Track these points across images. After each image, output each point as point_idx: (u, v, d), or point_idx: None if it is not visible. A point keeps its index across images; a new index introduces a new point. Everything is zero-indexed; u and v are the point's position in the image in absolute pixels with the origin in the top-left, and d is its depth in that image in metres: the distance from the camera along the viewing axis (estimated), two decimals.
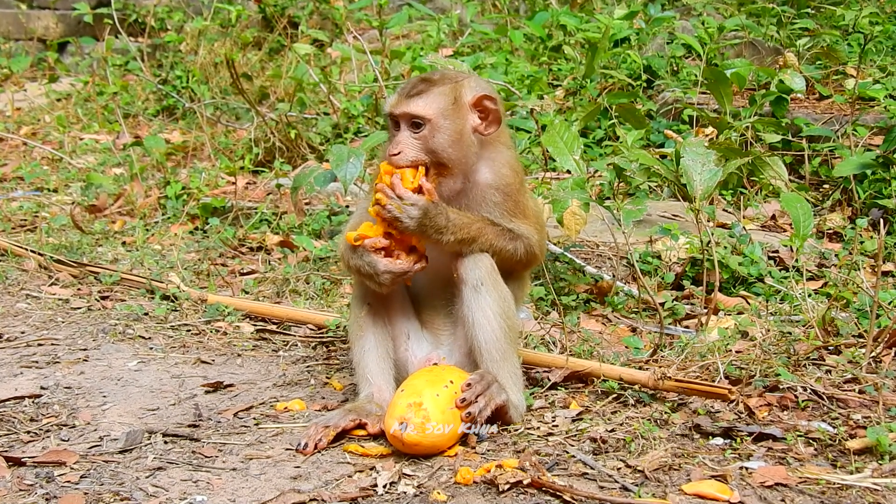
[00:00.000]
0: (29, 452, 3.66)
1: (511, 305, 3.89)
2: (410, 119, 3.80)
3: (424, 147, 3.79)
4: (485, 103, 3.87)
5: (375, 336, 3.96)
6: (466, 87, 3.88)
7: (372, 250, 3.74)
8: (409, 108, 3.79)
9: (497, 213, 3.88)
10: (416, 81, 3.88)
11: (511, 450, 3.67)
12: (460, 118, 3.83)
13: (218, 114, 9.06)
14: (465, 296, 3.83)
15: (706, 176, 4.48)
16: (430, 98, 3.81)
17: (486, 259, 3.84)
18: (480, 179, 3.89)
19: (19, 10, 12.06)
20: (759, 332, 4.56)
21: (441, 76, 3.92)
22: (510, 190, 3.91)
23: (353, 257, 3.80)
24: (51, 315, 5.22)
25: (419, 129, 3.79)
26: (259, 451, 3.71)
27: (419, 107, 3.79)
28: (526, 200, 4.00)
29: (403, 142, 3.79)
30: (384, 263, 3.74)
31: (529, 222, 3.94)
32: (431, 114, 3.78)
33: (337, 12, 10.55)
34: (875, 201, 6.17)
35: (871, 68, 7.80)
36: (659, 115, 7.60)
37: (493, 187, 3.88)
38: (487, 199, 3.88)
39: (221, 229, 6.41)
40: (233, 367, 4.59)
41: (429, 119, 3.78)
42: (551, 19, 9.22)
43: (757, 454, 3.58)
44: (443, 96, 3.82)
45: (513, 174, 3.94)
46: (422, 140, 3.79)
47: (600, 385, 4.13)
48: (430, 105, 3.79)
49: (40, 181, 7.84)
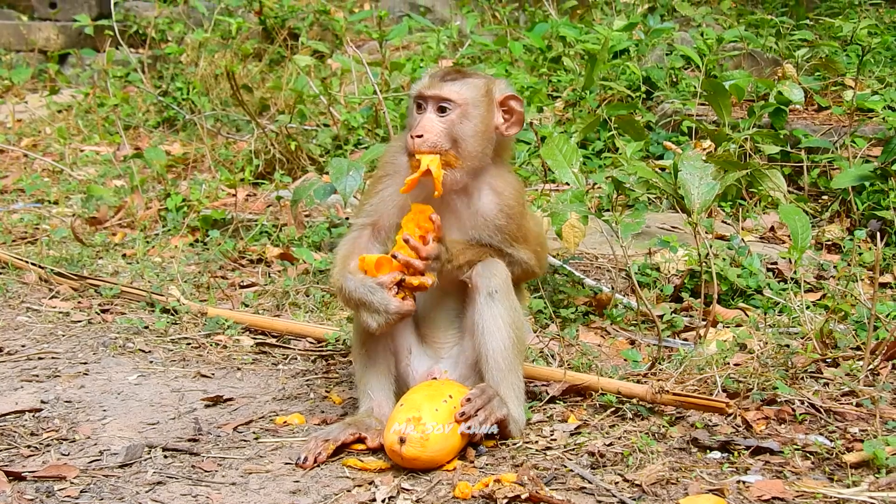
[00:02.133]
0: (29, 467, 3.67)
1: (521, 318, 3.93)
2: (440, 102, 3.81)
3: (448, 132, 3.79)
4: (511, 103, 3.91)
5: (377, 352, 3.96)
6: (497, 84, 3.93)
7: (388, 290, 3.70)
8: (442, 91, 3.81)
9: (499, 238, 3.90)
10: (449, 69, 3.93)
11: (509, 464, 3.68)
12: (488, 112, 3.87)
13: (218, 125, 9.08)
14: (478, 303, 3.85)
15: (704, 189, 4.49)
16: (465, 85, 3.84)
17: (501, 269, 3.87)
18: (484, 203, 3.90)
19: (20, 22, 12.10)
20: (757, 344, 4.57)
21: (473, 70, 3.99)
22: (513, 213, 3.93)
23: (362, 290, 3.72)
24: (51, 328, 5.23)
25: (446, 113, 3.80)
26: (258, 465, 3.72)
27: (453, 91, 3.81)
28: (528, 223, 4.03)
29: (428, 124, 3.80)
30: (396, 304, 3.70)
31: (529, 246, 3.97)
32: (464, 99, 3.81)
33: (337, 24, 10.59)
34: (873, 213, 6.18)
35: (869, 79, 7.81)
36: (658, 126, 7.61)
37: (497, 211, 3.90)
38: (490, 223, 3.90)
39: (221, 241, 6.42)
40: (232, 381, 4.60)
41: (460, 104, 3.80)
42: (551, 30, 9.25)
43: (754, 468, 3.59)
44: (476, 87, 3.86)
45: (515, 197, 3.96)
46: (447, 124, 3.80)
47: (598, 398, 4.15)
48: (464, 91, 3.83)
49: (41, 193, 7.86)
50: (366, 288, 3.72)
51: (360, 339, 3.97)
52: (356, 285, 3.74)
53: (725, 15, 10.14)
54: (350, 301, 3.78)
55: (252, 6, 10.70)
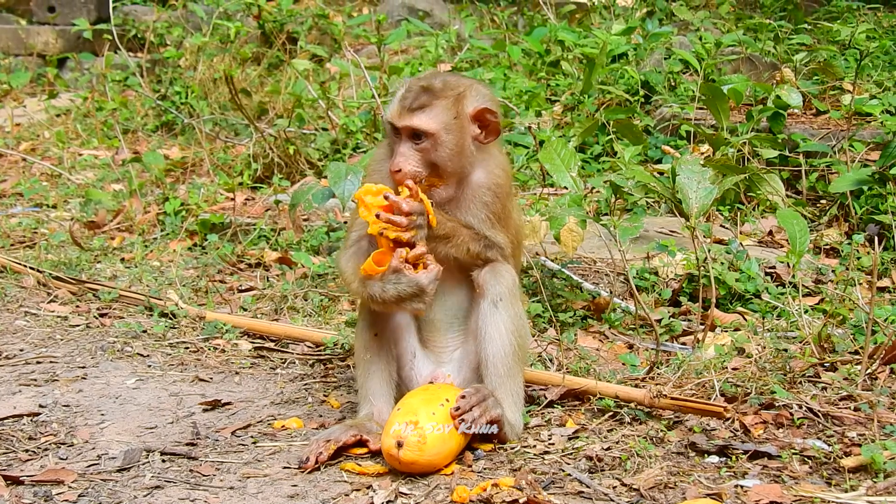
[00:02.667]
0: (27, 471, 3.67)
1: (525, 326, 3.94)
2: (412, 132, 3.80)
3: (425, 159, 3.79)
4: (486, 116, 3.87)
5: (381, 359, 3.96)
6: (468, 97, 3.86)
7: (405, 268, 3.68)
8: (411, 122, 3.78)
9: (483, 215, 3.88)
10: (417, 91, 3.82)
11: (507, 468, 3.68)
12: (462, 130, 3.83)
13: (217, 129, 9.07)
14: (482, 309, 3.86)
15: (702, 193, 4.49)
16: (433, 112, 3.78)
17: (508, 276, 3.87)
18: (473, 179, 3.90)
19: (19, 26, 12.10)
20: (755, 348, 4.58)
21: (443, 85, 3.85)
22: (500, 192, 3.93)
23: (389, 286, 3.69)
24: (49, 332, 5.23)
25: (420, 140, 3.78)
26: (256, 469, 3.72)
27: (422, 121, 3.77)
28: (511, 208, 4.02)
29: (404, 155, 3.78)
30: (426, 276, 3.68)
31: (508, 234, 3.95)
32: (434, 128, 3.77)
33: (336, 28, 10.59)
34: (872, 217, 6.19)
35: (867, 84, 7.81)
36: (656, 130, 7.62)
37: (485, 187, 3.90)
38: (478, 198, 3.89)
39: (220, 245, 6.42)
40: (231, 385, 4.60)
41: (431, 134, 3.77)
42: (549, 35, 9.25)
43: (752, 472, 3.59)
44: (445, 110, 3.80)
45: (504, 177, 3.96)
46: (422, 152, 3.78)
47: (596, 403, 4.15)
48: (433, 120, 3.78)
49: (39, 197, 7.85)
50: (389, 283, 3.69)
51: (363, 345, 3.97)
52: (381, 286, 3.71)
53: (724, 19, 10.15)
54: (387, 302, 3.73)
55: (251, 10, 10.70)
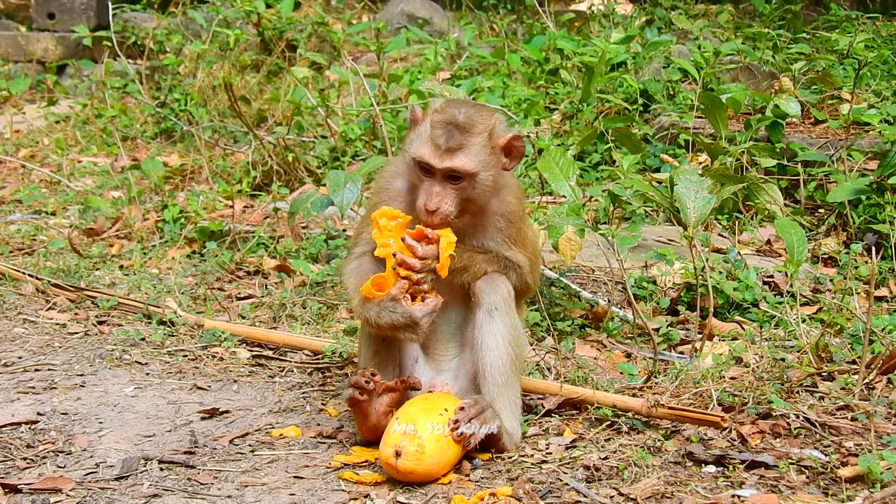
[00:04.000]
0: (25, 479, 3.67)
1: (521, 335, 3.96)
2: (450, 173, 3.77)
3: (461, 197, 3.78)
4: (514, 143, 3.88)
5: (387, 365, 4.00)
6: (497, 129, 3.86)
7: (404, 299, 3.71)
8: (452, 164, 3.74)
9: (499, 239, 3.93)
10: (451, 130, 3.76)
11: (505, 477, 3.68)
12: (496, 163, 3.84)
13: (216, 137, 9.08)
14: (478, 319, 3.88)
15: (700, 203, 4.50)
16: (471, 152, 3.76)
17: (503, 285, 3.90)
18: (489, 208, 3.93)
19: (18, 33, 12.11)
20: (752, 358, 4.58)
21: (472, 120, 3.79)
22: (514, 217, 3.97)
23: (384, 314, 3.73)
24: (48, 340, 5.23)
25: (458, 181, 3.77)
26: (254, 478, 3.72)
27: (463, 163, 3.74)
28: (526, 229, 4.07)
29: (440, 195, 3.76)
30: (420, 309, 3.72)
31: (526, 252, 3.99)
32: (474, 168, 3.76)
33: (335, 36, 10.61)
34: (870, 226, 6.19)
35: (866, 93, 7.83)
36: (655, 139, 7.63)
37: (499, 214, 3.94)
38: (492, 224, 3.94)
39: (219, 253, 6.43)
40: (229, 393, 4.60)
41: (472, 174, 3.76)
42: (548, 43, 9.27)
43: (749, 482, 3.59)
44: (482, 148, 3.78)
45: (518, 202, 4.01)
46: (459, 191, 3.78)
47: (594, 412, 4.15)
48: (473, 160, 3.76)
49: (38, 204, 7.86)
50: (385, 310, 3.73)
51: (374, 350, 4.01)
52: (377, 311, 3.75)
53: (723, 28, 10.17)
54: (381, 328, 3.78)
55: (250, 18, 10.71)
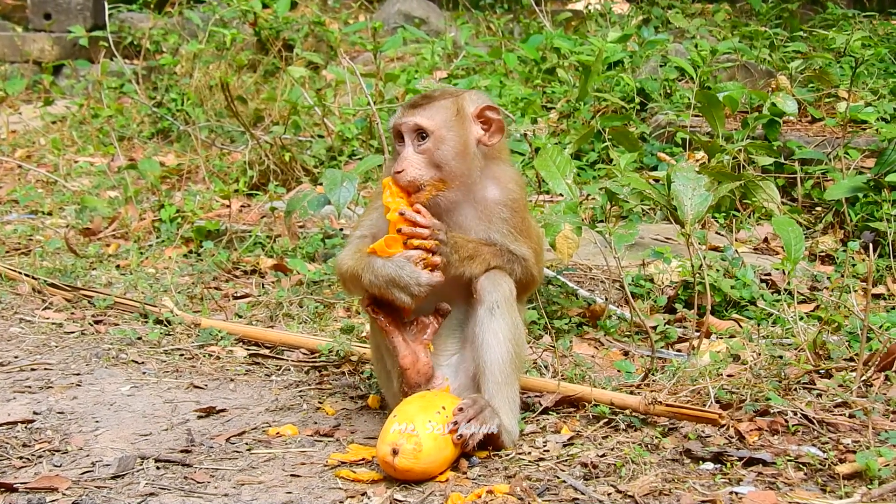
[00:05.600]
0: (21, 478, 3.66)
1: (521, 333, 3.94)
2: (414, 131, 3.83)
3: (429, 160, 3.81)
4: (487, 114, 3.91)
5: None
6: (468, 99, 3.93)
7: (414, 260, 3.71)
8: (414, 119, 3.82)
9: (504, 230, 3.91)
10: (418, 97, 3.95)
11: (502, 475, 3.68)
12: (464, 129, 3.86)
13: (213, 136, 9.07)
14: (479, 316, 3.87)
15: (697, 201, 4.49)
16: (432, 109, 3.85)
17: (505, 283, 3.88)
18: (488, 196, 3.92)
19: (15, 33, 12.10)
20: (750, 355, 4.57)
21: (442, 91, 3.96)
22: (517, 206, 3.96)
23: (389, 266, 3.71)
24: (44, 339, 5.22)
25: (423, 140, 3.81)
26: (251, 476, 3.71)
27: (422, 118, 3.82)
28: (530, 219, 4.06)
29: (408, 157, 3.82)
30: (427, 276, 3.71)
31: (531, 244, 3.98)
32: (435, 125, 3.81)
33: (332, 35, 10.60)
34: (867, 224, 6.19)
35: (863, 91, 7.83)
36: (652, 137, 7.62)
37: (501, 203, 3.93)
38: (495, 215, 3.92)
39: (215, 252, 6.42)
40: (225, 392, 4.59)
41: (432, 130, 3.81)
42: (545, 42, 9.26)
43: (747, 479, 3.58)
44: (445, 108, 3.86)
45: (519, 190, 4.00)
46: (426, 154, 3.81)
47: (591, 410, 4.14)
48: (434, 116, 3.83)
49: (35, 204, 7.85)
50: (395, 264, 3.71)
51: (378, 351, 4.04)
52: (383, 263, 3.73)
53: (719, 27, 10.17)
54: (377, 279, 3.73)
55: (247, 17, 10.71)
